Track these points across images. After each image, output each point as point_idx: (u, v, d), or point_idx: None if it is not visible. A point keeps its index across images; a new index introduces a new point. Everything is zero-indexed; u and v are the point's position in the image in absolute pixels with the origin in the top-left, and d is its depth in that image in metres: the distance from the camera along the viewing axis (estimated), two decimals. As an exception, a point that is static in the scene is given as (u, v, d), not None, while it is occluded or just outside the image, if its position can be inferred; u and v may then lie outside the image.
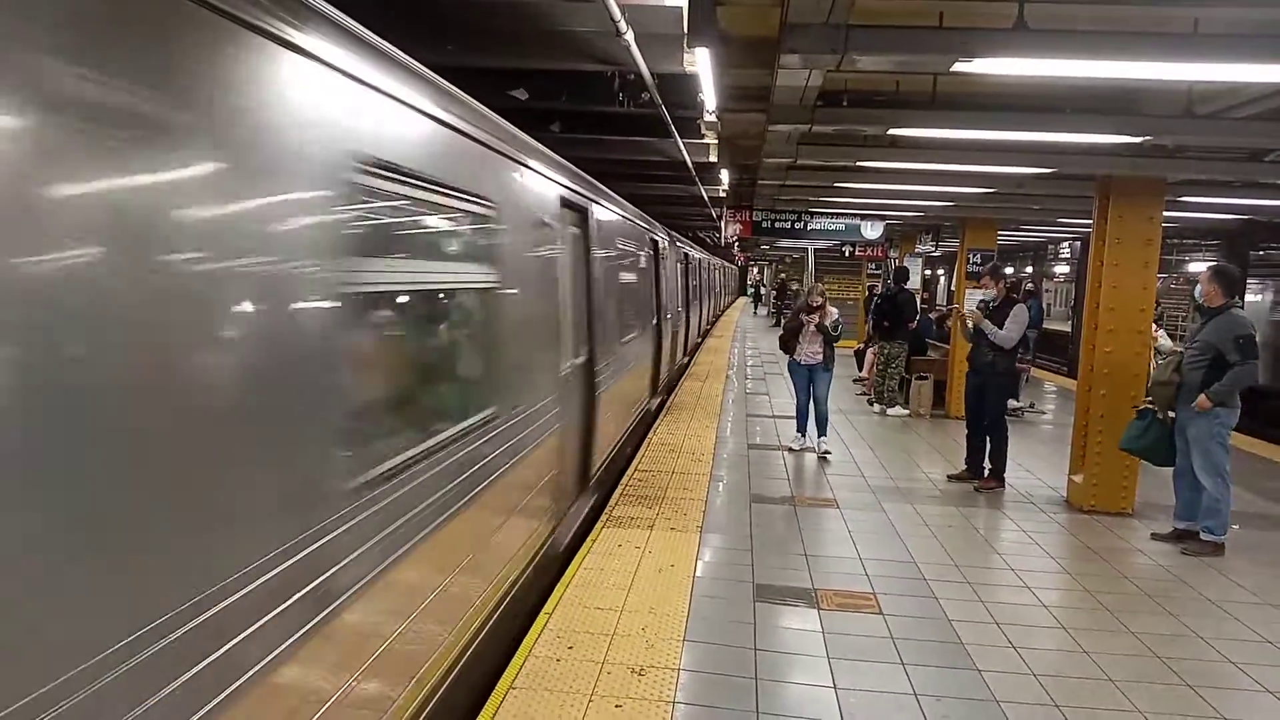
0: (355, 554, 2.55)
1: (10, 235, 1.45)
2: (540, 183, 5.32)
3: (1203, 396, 6.22)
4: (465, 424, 3.77)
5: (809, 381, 9.32)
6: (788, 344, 9.45)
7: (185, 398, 1.84)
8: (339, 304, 2.52)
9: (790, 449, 9.43)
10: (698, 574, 5.53)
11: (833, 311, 9.33)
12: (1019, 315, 7.91)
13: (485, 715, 3.72)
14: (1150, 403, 6.67)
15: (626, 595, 5.10)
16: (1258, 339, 6.52)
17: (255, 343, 2.09)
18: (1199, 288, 6.49)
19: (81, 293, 1.58)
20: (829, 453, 9.19)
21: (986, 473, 8.17)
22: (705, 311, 26.40)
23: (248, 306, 2.07)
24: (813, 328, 9.10)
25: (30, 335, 1.49)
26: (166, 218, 1.80)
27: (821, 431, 9.36)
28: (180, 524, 1.82)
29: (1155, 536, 6.73)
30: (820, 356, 9.21)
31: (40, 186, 1.52)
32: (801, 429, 9.52)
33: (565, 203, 6.00)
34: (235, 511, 2.01)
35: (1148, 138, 6.57)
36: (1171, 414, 6.52)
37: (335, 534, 2.41)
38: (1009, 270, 31.52)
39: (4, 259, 1.43)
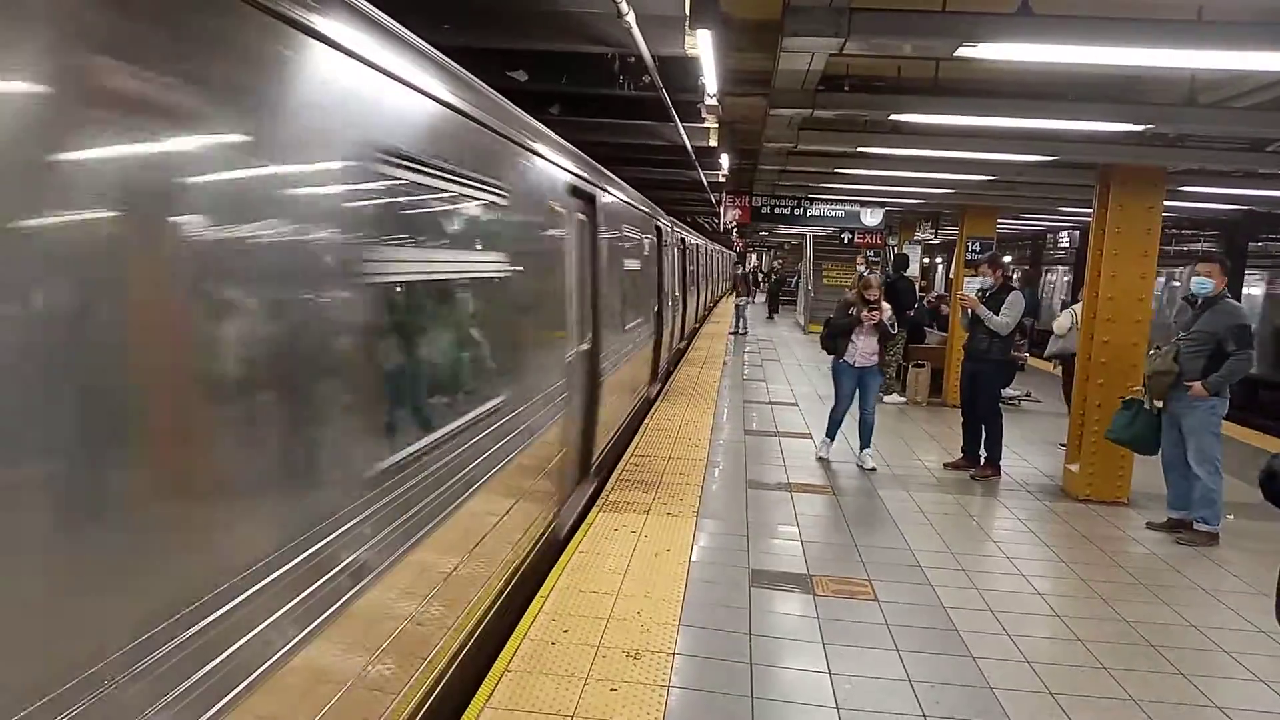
0: None
1: None
2: None
3: (1199, 384, 6.22)
4: None
5: (857, 385, 8.23)
6: (835, 343, 8.20)
7: None
8: None
9: (821, 457, 8.40)
10: (694, 559, 5.54)
11: (887, 307, 8.15)
12: (1015, 302, 7.91)
13: (480, 697, 3.73)
14: (1138, 392, 6.63)
15: (622, 580, 5.10)
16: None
17: None
18: (1205, 282, 6.35)
19: None
20: (874, 469, 8.13)
21: (983, 461, 8.18)
22: (697, 307, 22.30)
23: None
24: (869, 326, 8.01)
25: None
26: None
27: (866, 442, 8.33)
28: None
29: (1151, 526, 6.75)
30: (875, 358, 8.17)
31: None
32: (833, 434, 8.48)
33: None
34: None
35: (1149, 126, 6.55)
36: (1159, 404, 6.49)
37: None
38: (1007, 258, 31.46)
39: None
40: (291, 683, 2.30)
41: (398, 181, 3.04)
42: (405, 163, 3.07)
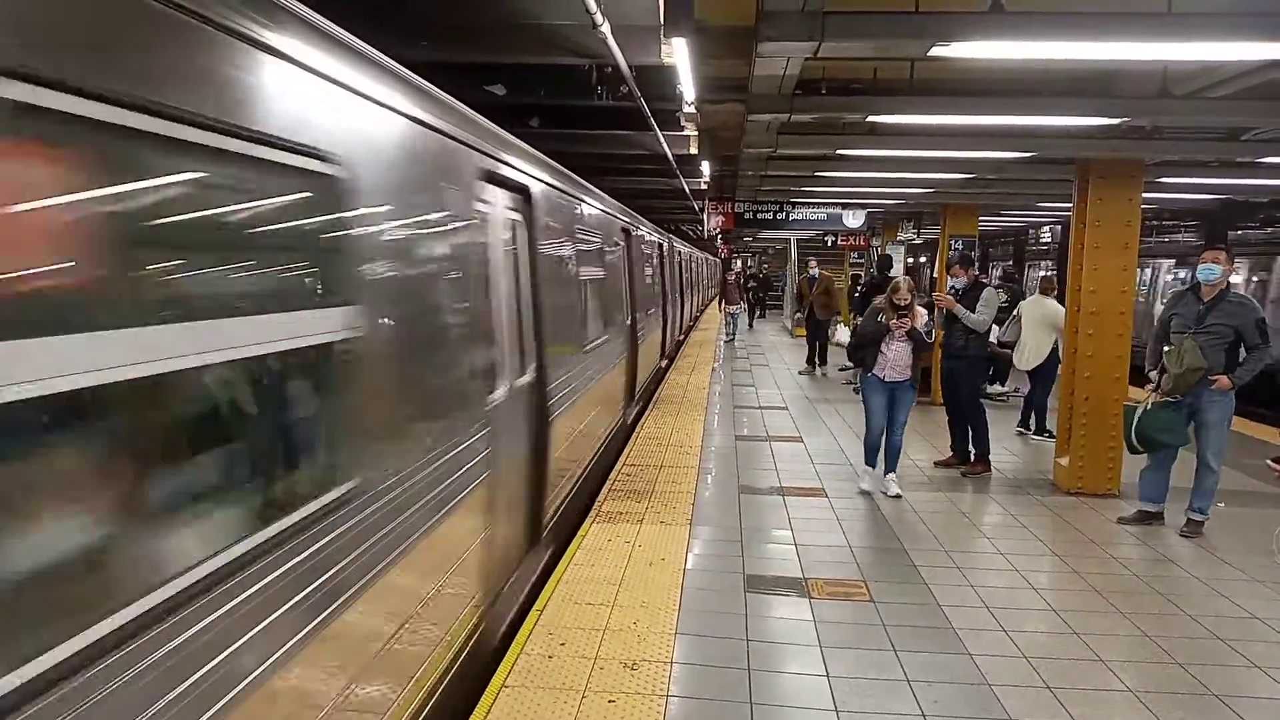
0: None
1: None
2: None
3: (1225, 378, 6.17)
4: None
5: (889, 403, 7.31)
6: (864, 355, 7.35)
7: None
8: None
9: (863, 490, 7.38)
10: (688, 567, 5.52)
11: (922, 313, 7.23)
12: (989, 299, 7.97)
13: (478, 714, 3.70)
14: (1170, 394, 6.35)
15: (617, 590, 5.08)
16: None
17: None
18: (1214, 269, 6.28)
19: None
20: (899, 495, 7.28)
21: (973, 457, 8.19)
22: (680, 319, 20.06)
23: None
24: (901, 334, 7.12)
25: None
26: None
27: (891, 466, 7.46)
28: None
29: (1122, 520, 6.73)
30: (909, 371, 7.24)
31: None
32: (872, 462, 7.52)
33: None
34: None
35: (1125, 119, 6.60)
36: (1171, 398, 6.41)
37: None
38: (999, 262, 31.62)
39: None
40: None
41: None
42: None
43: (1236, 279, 16.56)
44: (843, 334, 18.43)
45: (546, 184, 6.12)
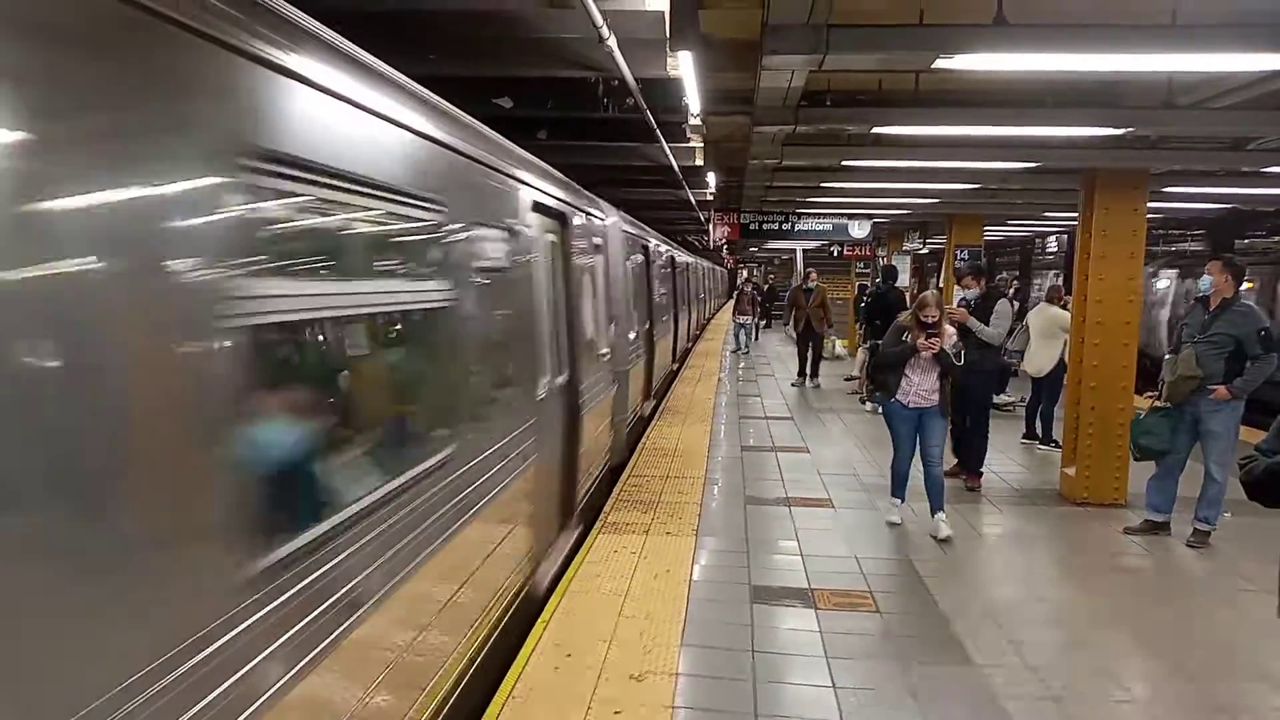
0: None
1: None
2: None
3: (1223, 388, 6.14)
4: None
5: (916, 431, 6.57)
6: (886, 379, 6.60)
7: None
8: None
9: (891, 522, 6.77)
10: (694, 578, 5.52)
11: (951, 332, 6.60)
12: (1002, 311, 7.90)
13: (484, 726, 3.71)
14: (1166, 400, 6.37)
15: (623, 601, 5.08)
16: None
17: None
18: (1206, 279, 6.32)
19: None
20: (950, 537, 6.38)
21: (969, 469, 8.14)
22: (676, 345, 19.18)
23: None
24: (927, 356, 6.41)
25: None
26: None
27: (938, 504, 6.55)
28: None
29: (1128, 530, 6.70)
30: (935, 397, 6.49)
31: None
32: (900, 494, 6.89)
33: None
34: None
35: (1130, 129, 6.62)
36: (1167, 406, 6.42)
37: None
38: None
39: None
40: None
41: None
42: None
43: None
44: (840, 349, 18.39)
45: (651, 243, 13.04)
